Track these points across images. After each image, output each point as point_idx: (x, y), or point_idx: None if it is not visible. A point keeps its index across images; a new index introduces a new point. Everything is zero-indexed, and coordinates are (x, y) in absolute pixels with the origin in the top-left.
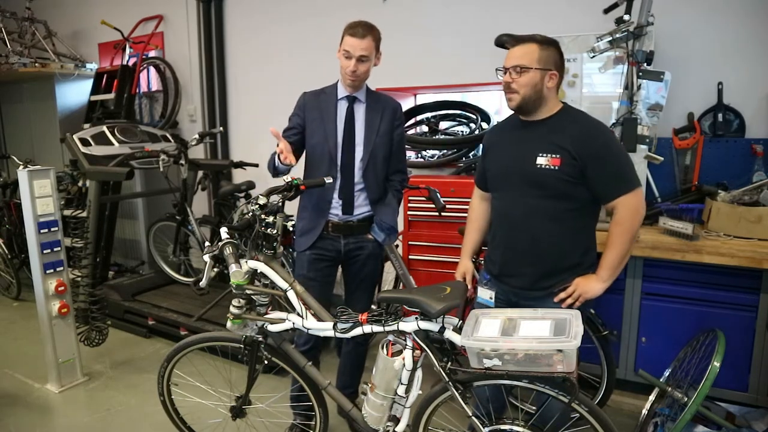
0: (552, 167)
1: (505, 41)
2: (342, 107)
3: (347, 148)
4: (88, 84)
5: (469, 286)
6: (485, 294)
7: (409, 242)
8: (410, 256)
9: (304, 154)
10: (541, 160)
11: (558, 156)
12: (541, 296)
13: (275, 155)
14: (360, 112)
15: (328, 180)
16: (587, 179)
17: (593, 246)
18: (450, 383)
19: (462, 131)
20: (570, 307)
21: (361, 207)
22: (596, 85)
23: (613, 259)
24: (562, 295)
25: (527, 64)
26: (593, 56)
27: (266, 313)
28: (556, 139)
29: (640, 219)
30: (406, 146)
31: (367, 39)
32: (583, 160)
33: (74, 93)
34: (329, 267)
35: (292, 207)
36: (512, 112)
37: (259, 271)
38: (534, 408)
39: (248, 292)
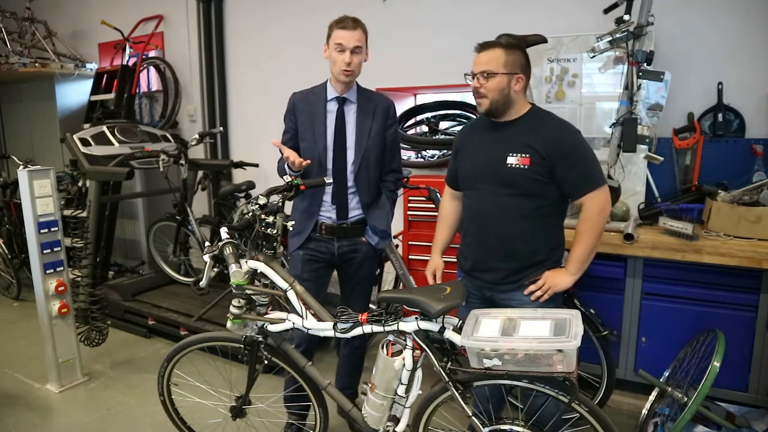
0: (522, 166)
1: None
2: (332, 109)
3: (338, 152)
4: (88, 84)
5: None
6: None
7: (409, 242)
8: (410, 256)
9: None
10: (512, 160)
11: (527, 155)
12: (512, 289)
13: (284, 163)
14: (351, 113)
15: (329, 180)
16: (556, 178)
17: (562, 242)
18: (450, 383)
19: None
20: (538, 299)
21: (354, 210)
22: (596, 85)
23: (580, 253)
24: (532, 287)
25: (494, 70)
26: (593, 56)
27: (266, 313)
28: (527, 140)
29: (606, 215)
30: (406, 146)
31: (358, 30)
32: (552, 160)
33: (74, 93)
34: (323, 269)
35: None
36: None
37: (259, 271)
38: (524, 407)
39: (248, 292)
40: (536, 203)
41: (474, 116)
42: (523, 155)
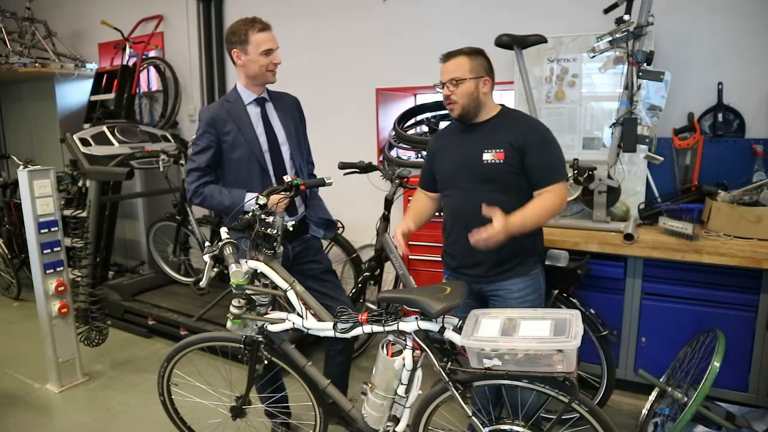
0: (497, 161)
1: (504, 41)
2: (254, 111)
3: (274, 151)
4: (88, 84)
5: (404, 246)
6: None
7: (409, 242)
8: (410, 256)
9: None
10: (487, 156)
11: (502, 150)
12: (499, 279)
13: (240, 199)
14: (272, 111)
15: (329, 181)
16: (525, 167)
17: (540, 235)
18: (450, 383)
19: None
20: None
21: (300, 207)
22: (596, 85)
23: (527, 213)
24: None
25: (461, 76)
26: (593, 56)
27: (266, 313)
28: (499, 136)
29: (561, 205)
30: (406, 146)
31: (272, 29)
32: (522, 151)
33: (74, 93)
34: None
35: None
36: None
37: (259, 271)
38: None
39: (248, 292)
40: (514, 197)
41: None
42: (498, 150)
